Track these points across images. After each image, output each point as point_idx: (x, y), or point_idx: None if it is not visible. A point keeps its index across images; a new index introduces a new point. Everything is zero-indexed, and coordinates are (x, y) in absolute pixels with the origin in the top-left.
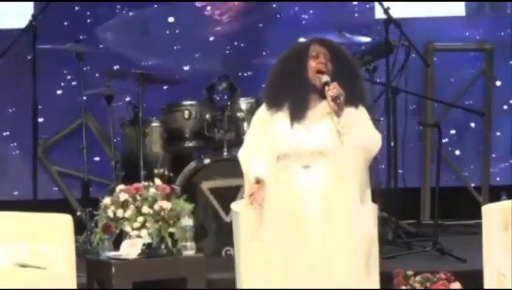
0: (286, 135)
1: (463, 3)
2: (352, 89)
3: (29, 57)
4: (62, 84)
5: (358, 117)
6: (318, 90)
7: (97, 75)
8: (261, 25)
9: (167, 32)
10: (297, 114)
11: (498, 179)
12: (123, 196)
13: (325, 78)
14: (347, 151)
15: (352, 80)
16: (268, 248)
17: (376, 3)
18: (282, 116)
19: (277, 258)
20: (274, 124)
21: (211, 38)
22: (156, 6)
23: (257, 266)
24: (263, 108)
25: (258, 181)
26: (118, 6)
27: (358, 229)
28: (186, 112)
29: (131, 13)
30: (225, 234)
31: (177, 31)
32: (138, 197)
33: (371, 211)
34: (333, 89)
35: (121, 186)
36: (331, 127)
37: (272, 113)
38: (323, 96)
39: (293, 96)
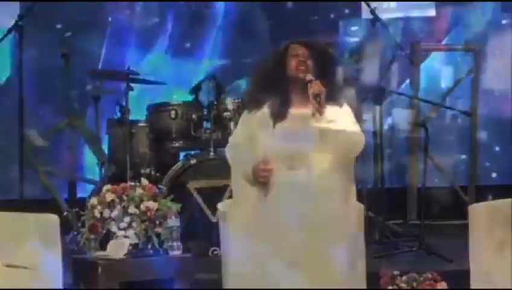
0: (269, 136)
1: (433, 3)
2: (334, 87)
3: None
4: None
5: (341, 115)
6: (301, 89)
7: (84, 75)
8: None
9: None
10: (279, 113)
11: (485, 178)
12: (110, 196)
13: (309, 76)
14: (330, 149)
15: (333, 78)
16: (254, 247)
17: (363, 3)
18: (264, 117)
19: (263, 258)
20: (256, 126)
21: None
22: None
23: (243, 266)
24: (246, 111)
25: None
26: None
27: (341, 228)
28: (173, 112)
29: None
30: (212, 234)
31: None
32: (125, 197)
33: (355, 210)
34: (314, 86)
35: (108, 187)
36: (314, 127)
37: (253, 114)
38: (307, 96)
39: (274, 95)
